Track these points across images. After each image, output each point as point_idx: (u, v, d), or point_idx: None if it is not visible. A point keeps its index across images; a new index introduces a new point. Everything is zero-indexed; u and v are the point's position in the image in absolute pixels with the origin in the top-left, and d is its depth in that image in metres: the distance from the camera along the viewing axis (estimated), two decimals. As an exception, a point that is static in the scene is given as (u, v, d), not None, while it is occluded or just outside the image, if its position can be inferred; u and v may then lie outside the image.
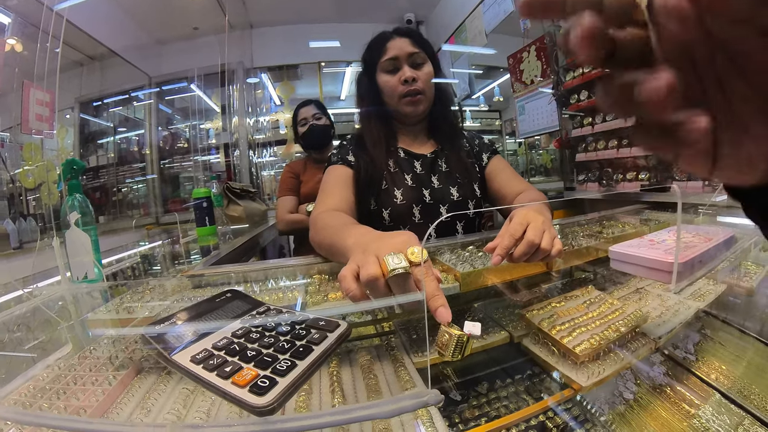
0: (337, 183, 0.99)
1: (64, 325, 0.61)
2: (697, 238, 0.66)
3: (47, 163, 2.02)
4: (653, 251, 0.55)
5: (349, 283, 0.44)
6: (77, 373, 0.52)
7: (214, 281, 0.80)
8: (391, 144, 1.05)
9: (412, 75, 0.99)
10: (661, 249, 0.56)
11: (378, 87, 1.04)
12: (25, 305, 0.71)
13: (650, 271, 0.53)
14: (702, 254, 0.58)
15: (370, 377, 0.52)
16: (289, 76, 4.13)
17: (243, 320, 0.46)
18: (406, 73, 0.99)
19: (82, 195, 0.85)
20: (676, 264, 0.49)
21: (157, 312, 0.64)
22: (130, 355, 0.56)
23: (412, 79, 0.99)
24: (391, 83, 1.01)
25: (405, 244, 0.47)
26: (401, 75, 0.99)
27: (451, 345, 0.38)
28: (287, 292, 0.69)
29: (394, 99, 1.02)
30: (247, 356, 0.37)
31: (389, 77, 1.01)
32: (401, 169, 1.03)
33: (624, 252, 0.58)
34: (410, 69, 1.00)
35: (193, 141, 3.89)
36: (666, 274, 0.51)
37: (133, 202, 3.91)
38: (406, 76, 0.98)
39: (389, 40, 1.02)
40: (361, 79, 1.09)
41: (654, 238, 0.63)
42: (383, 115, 1.06)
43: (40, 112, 1.90)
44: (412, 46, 1.01)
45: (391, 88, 1.01)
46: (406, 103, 1.01)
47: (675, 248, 0.50)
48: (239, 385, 0.33)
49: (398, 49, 1.00)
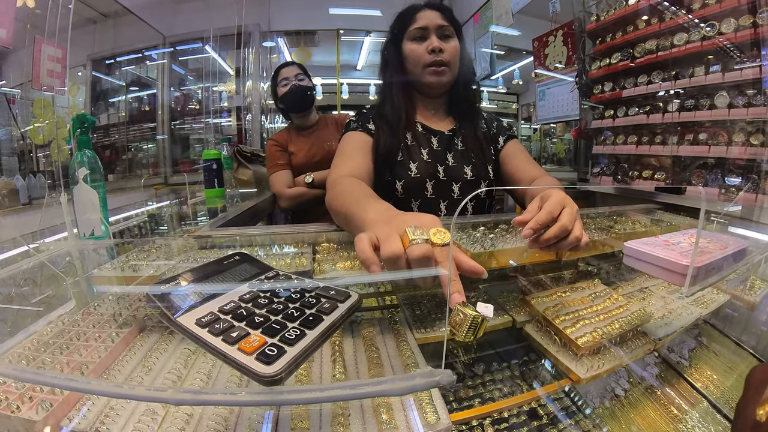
0: (356, 148, 0.99)
1: (68, 281, 0.61)
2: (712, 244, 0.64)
3: (58, 120, 2.02)
4: (669, 251, 0.54)
5: (365, 246, 0.43)
6: (80, 328, 0.53)
7: (220, 243, 0.80)
8: (410, 116, 1.05)
9: (439, 45, 0.99)
10: (676, 251, 0.54)
11: (403, 56, 1.04)
12: (31, 260, 0.71)
13: (664, 271, 0.52)
14: (716, 261, 0.57)
15: (372, 350, 0.52)
16: (306, 41, 4.03)
17: (251, 284, 0.45)
18: (434, 42, 0.99)
19: (91, 151, 0.85)
20: (692, 267, 0.48)
21: (162, 271, 0.64)
22: (134, 313, 0.56)
23: (439, 50, 0.99)
24: (418, 51, 1.01)
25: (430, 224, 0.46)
26: (429, 44, 0.99)
27: (465, 325, 0.37)
28: (294, 258, 0.68)
29: (419, 68, 1.01)
30: (255, 322, 0.36)
31: (416, 45, 1.01)
32: (418, 143, 1.03)
33: (639, 249, 0.57)
34: (438, 40, 0.99)
35: (205, 103, 3.84)
36: (680, 277, 0.50)
37: (142, 162, 3.90)
38: (433, 45, 0.98)
39: (420, 11, 1.02)
40: (387, 47, 1.09)
41: (669, 238, 0.62)
42: (405, 86, 1.06)
43: (51, 68, 1.88)
44: (442, 19, 1.01)
45: (417, 57, 1.01)
46: (431, 73, 1.01)
47: (693, 251, 0.49)
48: (246, 352, 0.32)
49: (428, 20, 1.00)
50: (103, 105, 3.80)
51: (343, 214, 0.74)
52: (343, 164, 0.94)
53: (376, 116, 1.05)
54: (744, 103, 1.50)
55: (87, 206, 0.82)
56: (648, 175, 1.96)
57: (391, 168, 1.01)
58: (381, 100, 1.09)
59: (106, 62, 3.71)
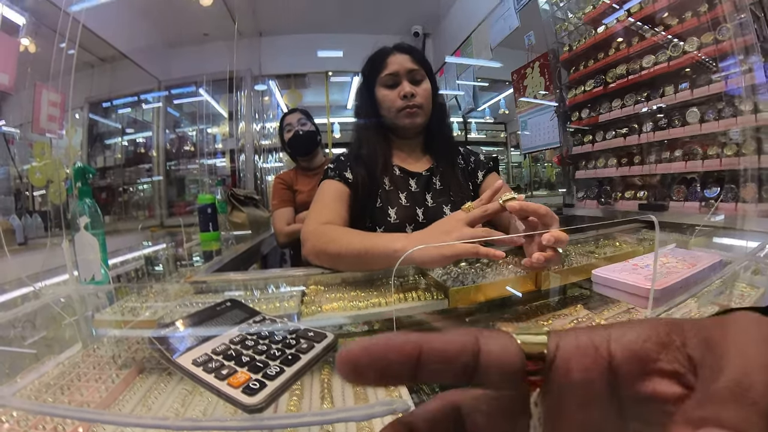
0: (333, 198, 0.99)
1: (70, 320, 0.64)
2: (682, 263, 0.68)
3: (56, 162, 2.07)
4: (633, 276, 0.57)
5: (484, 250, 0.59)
6: (81, 370, 0.55)
7: (215, 287, 0.82)
8: (386, 160, 1.05)
9: (411, 90, 1.00)
10: (642, 274, 0.58)
11: (376, 101, 1.05)
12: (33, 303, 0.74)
13: (629, 295, 0.56)
14: (683, 280, 0.61)
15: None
16: (297, 84, 4.20)
17: (240, 328, 0.50)
18: (406, 88, 1.00)
19: (91, 200, 0.89)
20: (652, 290, 0.51)
21: (160, 315, 0.67)
22: (133, 355, 0.59)
23: (411, 95, 1.00)
24: (390, 97, 1.02)
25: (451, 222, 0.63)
26: (401, 90, 1.01)
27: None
28: (283, 302, 0.71)
29: (392, 112, 1.03)
30: (242, 361, 0.42)
31: (388, 91, 1.03)
32: (396, 187, 1.03)
33: (605, 276, 0.60)
34: (409, 84, 1.01)
35: (199, 145, 3.93)
36: (643, 300, 0.53)
37: (138, 203, 3.96)
38: (405, 91, 1.00)
39: (390, 56, 1.03)
40: (361, 92, 1.11)
41: (638, 262, 0.66)
42: (380, 129, 1.07)
43: (51, 113, 1.94)
44: (412, 62, 1.02)
45: (390, 102, 1.02)
46: (405, 115, 1.02)
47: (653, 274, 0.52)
48: (233, 386, 0.37)
49: (398, 65, 1.02)
50: (99, 147, 3.89)
51: (353, 253, 0.76)
52: (320, 213, 0.95)
53: (353, 162, 1.04)
54: (715, 116, 1.57)
55: (88, 252, 0.85)
56: (630, 195, 2.01)
57: (370, 214, 1.01)
58: (357, 144, 1.09)
59: (103, 105, 3.83)
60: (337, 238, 0.81)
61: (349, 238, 0.79)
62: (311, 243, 0.86)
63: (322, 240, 0.84)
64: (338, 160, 1.07)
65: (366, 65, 1.08)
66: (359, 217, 1.00)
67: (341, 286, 0.78)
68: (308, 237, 0.87)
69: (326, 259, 0.83)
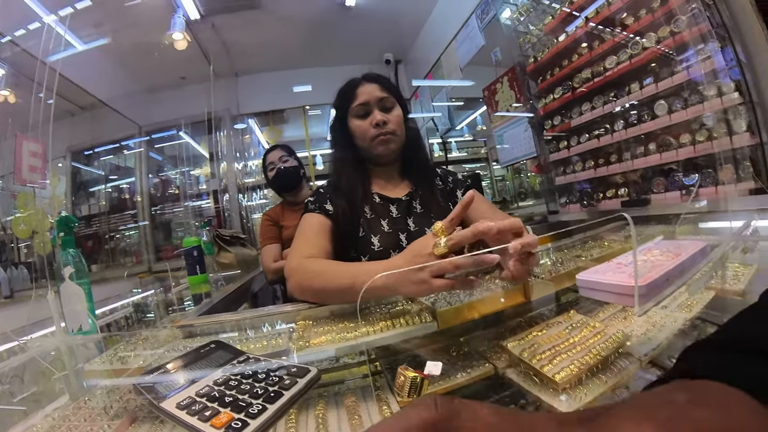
0: (315, 232, 0.98)
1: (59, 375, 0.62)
2: (665, 255, 0.68)
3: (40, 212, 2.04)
4: (617, 275, 0.57)
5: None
6: (72, 423, 0.53)
7: (203, 330, 0.81)
8: (366, 188, 1.06)
9: (382, 118, 1.02)
10: (626, 272, 0.58)
11: (350, 131, 1.07)
12: (20, 357, 0.72)
13: (615, 296, 0.55)
14: (668, 272, 0.60)
15: (355, 418, 0.53)
16: (276, 120, 4.25)
17: (224, 369, 0.51)
18: (377, 116, 1.02)
19: (75, 250, 0.88)
20: (636, 287, 0.51)
21: (149, 362, 0.65)
22: (125, 404, 0.57)
23: (383, 122, 1.02)
24: (363, 127, 1.04)
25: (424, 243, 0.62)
26: (372, 119, 1.03)
27: (406, 386, 0.41)
28: (271, 339, 0.70)
29: (367, 141, 1.04)
30: (225, 402, 0.43)
31: (361, 122, 1.04)
32: (377, 215, 1.04)
33: (589, 279, 0.60)
34: (380, 113, 1.03)
35: (183, 188, 3.93)
36: (630, 298, 0.52)
37: (125, 250, 3.90)
38: (377, 119, 1.02)
39: (359, 86, 1.05)
40: (334, 125, 1.13)
41: (622, 260, 0.66)
42: (357, 159, 1.09)
43: (32, 164, 1.93)
44: (381, 91, 1.05)
45: (363, 132, 1.04)
46: (379, 143, 1.03)
47: (634, 271, 0.52)
48: (216, 427, 0.38)
49: (368, 95, 1.04)
50: (84, 195, 3.86)
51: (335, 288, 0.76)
52: (302, 248, 0.94)
53: (332, 194, 1.05)
54: (682, 106, 1.62)
55: (74, 302, 0.84)
56: (612, 194, 2.04)
57: (354, 244, 1.02)
58: (336, 176, 1.10)
59: (85, 153, 3.84)
60: (320, 272, 0.80)
61: (332, 273, 0.78)
62: (294, 279, 0.85)
63: (305, 276, 0.83)
64: (318, 193, 1.07)
65: (337, 98, 1.11)
66: (344, 247, 1.00)
67: (329, 319, 0.77)
68: (291, 274, 0.86)
69: (310, 294, 0.82)
